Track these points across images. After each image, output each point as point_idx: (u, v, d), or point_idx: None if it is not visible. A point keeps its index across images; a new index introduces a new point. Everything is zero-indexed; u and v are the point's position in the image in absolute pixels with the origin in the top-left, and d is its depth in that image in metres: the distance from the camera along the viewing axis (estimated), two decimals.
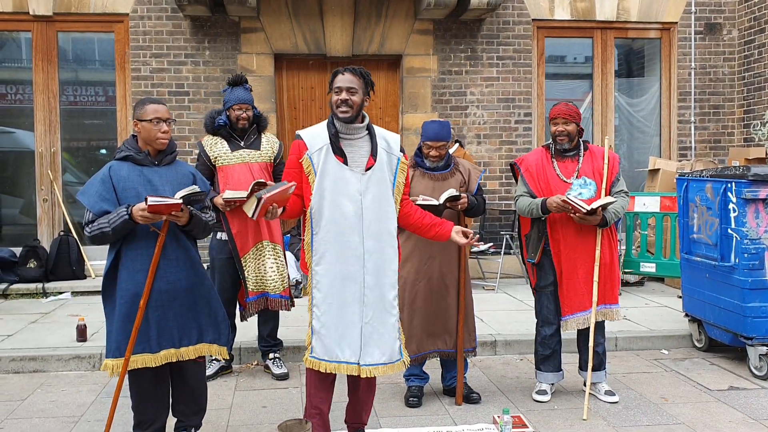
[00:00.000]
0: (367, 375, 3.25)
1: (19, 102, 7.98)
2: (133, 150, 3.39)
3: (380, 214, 3.28)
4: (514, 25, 8.14)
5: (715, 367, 5.06)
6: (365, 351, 3.24)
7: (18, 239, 7.78)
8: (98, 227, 3.21)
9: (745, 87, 8.34)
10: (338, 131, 3.29)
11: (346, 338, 3.24)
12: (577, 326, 4.27)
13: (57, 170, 7.82)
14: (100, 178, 3.32)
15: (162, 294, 3.30)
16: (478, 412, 4.19)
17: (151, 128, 3.35)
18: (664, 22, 8.38)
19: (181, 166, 3.50)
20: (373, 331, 3.25)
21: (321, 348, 3.26)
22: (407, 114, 8.00)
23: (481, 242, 7.70)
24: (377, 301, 3.27)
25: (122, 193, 3.28)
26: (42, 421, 4.11)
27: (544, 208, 4.14)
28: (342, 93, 3.23)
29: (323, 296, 3.25)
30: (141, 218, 3.14)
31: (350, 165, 3.26)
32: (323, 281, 3.25)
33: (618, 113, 8.57)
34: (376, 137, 3.34)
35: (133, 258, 3.28)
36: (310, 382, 3.40)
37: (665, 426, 3.98)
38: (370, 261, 3.25)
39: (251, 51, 7.80)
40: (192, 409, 3.57)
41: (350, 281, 3.24)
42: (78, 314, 6.01)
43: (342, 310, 3.24)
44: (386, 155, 3.35)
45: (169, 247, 3.30)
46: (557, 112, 4.22)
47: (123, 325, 3.28)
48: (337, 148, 3.26)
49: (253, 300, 4.67)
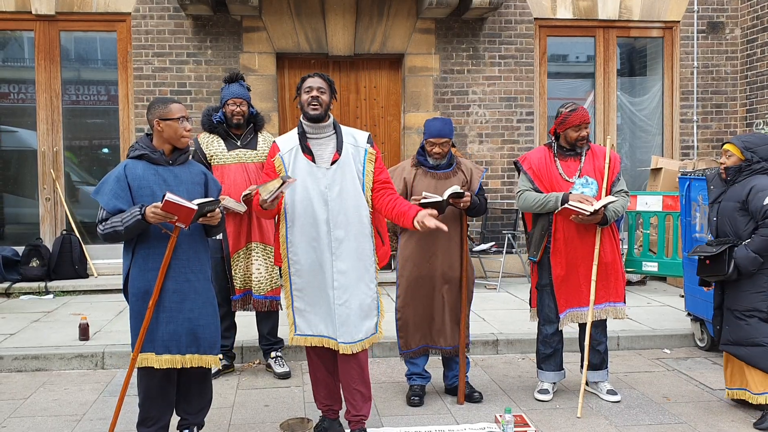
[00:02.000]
0: (345, 351, 3.51)
1: (21, 101, 7.99)
2: (148, 149, 3.38)
3: (348, 205, 3.53)
4: (516, 24, 8.13)
5: (717, 366, 5.05)
6: (342, 330, 3.51)
7: (21, 238, 7.80)
8: (111, 226, 3.21)
9: (747, 86, 8.32)
10: (305, 131, 3.58)
11: (326, 317, 3.56)
12: (575, 320, 4.28)
13: (59, 169, 7.83)
14: (115, 176, 3.31)
15: (172, 294, 3.31)
16: (480, 411, 4.19)
17: (177, 127, 3.35)
18: (666, 21, 8.37)
19: (194, 166, 3.51)
20: (349, 312, 3.52)
21: (305, 324, 3.61)
22: (409, 113, 8.00)
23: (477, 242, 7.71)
24: (352, 284, 3.53)
25: (137, 191, 3.29)
26: (44, 419, 4.12)
27: (565, 202, 4.09)
28: (312, 91, 3.53)
29: (302, 282, 3.58)
30: (153, 217, 3.15)
31: (318, 162, 3.54)
32: (300, 268, 3.56)
33: (620, 112, 8.56)
34: (343, 134, 3.61)
35: (146, 257, 3.30)
36: (313, 375, 3.74)
37: (667, 425, 3.98)
38: (339, 248, 3.51)
39: (253, 50, 7.81)
40: (196, 407, 3.58)
41: (322, 267, 3.52)
42: (80, 313, 6.02)
43: (318, 293, 3.56)
44: (353, 149, 3.59)
45: (181, 248, 3.31)
46: (581, 119, 4.17)
47: (135, 323, 3.32)
48: (305, 147, 3.55)
49: (237, 298, 4.71)
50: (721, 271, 3.95)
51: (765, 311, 3.93)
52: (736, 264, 3.90)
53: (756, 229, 3.89)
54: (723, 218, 4.05)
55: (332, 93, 3.60)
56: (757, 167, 3.95)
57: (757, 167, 3.95)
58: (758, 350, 3.93)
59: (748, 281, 3.94)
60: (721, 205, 4.07)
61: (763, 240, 3.83)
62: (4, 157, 8.10)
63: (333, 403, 3.77)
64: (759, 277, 3.93)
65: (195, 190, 3.40)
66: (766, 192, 3.85)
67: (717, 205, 4.11)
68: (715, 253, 3.95)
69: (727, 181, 4.06)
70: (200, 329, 3.37)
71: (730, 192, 4.03)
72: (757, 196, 3.86)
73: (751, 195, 3.89)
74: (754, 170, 3.96)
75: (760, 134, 4.15)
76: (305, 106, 3.53)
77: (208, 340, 3.40)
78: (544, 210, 4.22)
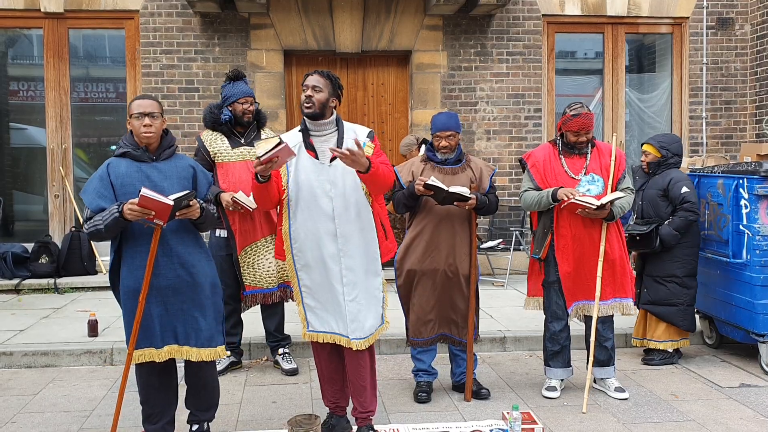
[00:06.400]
0: (358, 347, 3.52)
1: (30, 99, 8.03)
2: (131, 146, 3.39)
3: (351, 200, 3.53)
4: (524, 20, 8.11)
5: (726, 364, 5.03)
6: (353, 327, 3.52)
7: (30, 235, 7.84)
8: (93, 224, 3.23)
9: (757, 82, 8.27)
10: (308, 128, 3.59)
11: (336, 313, 3.55)
12: (583, 313, 4.30)
13: (68, 166, 7.87)
14: (98, 175, 3.34)
15: (162, 290, 3.32)
16: (487, 408, 4.19)
17: (134, 122, 3.36)
18: (675, 17, 8.32)
19: (181, 159, 3.49)
20: (359, 307, 3.53)
21: (316, 320, 3.61)
22: (417, 110, 7.99)
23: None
24: (360, 279, 3.54)
25: (120, 189, 3.29)
26: (54, 415, 4.14)
27: (555, 197, 4.14)
28: (307, 90, 3.52)
29: (310, 278, 3.58)
30: (130, 214, 3.14)
31: (320, 159, 3.55)
32: (306, 264, 3.57)
33: (629, 109, 8.52)
34: (344, 131, 3.61)
35: (133, 255, 3.30)
36: (321, 372, 3.75)
37: (675, 423, 3.97)
38: (347, 244, 3.51)
39: (261, 47, 7.81)
40: (205, 403, 3.59)
41: (330, 264, 3.52)
42: (89, 309, 6.05)
43: (327, 290, 3.55)
44: (353, 144, 3.52)
45: (169, 244, 3.31)
46: (580, 126, 4.18)
47: (128, 320, 3.33)
48: (307, 143, 3.56)
49: (249, 294, 4.70)
50: (650, 245, 4.85)
51: (680, 277, 4.89)
52: (661, 239, 4.82)
53: (674, 212, 4.86)
54: (647, 203, 4.98)
55: (334, 90, 3.56)
56: (672, 161, 4.94)
57: (671, 161, 4.94)
58: (673, 309, 4.88)
59: (667, 253, 4.88)
60: (645, 192, 5.00)
61: (682, 220, 4.81)
62: (13, 154, 8.14)
63: (340, 400, 3.78)
64: (676, 249, 4.88)
65: (183, 185, 3.38)
66: (683, 183, 4.84)
67: (642, 192, 5.01)
68: (646, 232, 4.84)
69: (649, 174, 5.02)
70: (194, 322, 3.37)
71: (651, 182, 4.99)
72: (676, 186, 4.84)
73: (671, 185, 4.86)
74: (669, 164, 4.95)
75: (670, 134, 5.26)
76: (302, 105, 3.56)
77: (203, 334, 3.39)
78: (541, 207, 4.25)
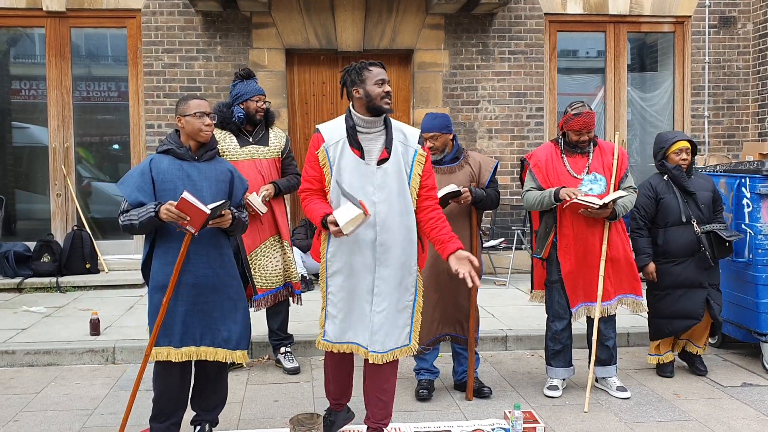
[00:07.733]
0: (374, 361, 3.32)
1: (32, 98, 8.04)
2: (175, 144, 3.42)
3: (395, 208, 3.29)
4: (525, 19, 8.10)
5: (728, 363, 5.03)
6: (374, 339, 3.31)
7: (32, 234, 7.85)
8: (129, 219, 3.27)
9: (759, 81, 8.25)
10: (355, 125, 3.30)
11: (359, 325, 3.34)
12: (588, 314, 4.29)
13: (70, 165, 7.87)
14: (140, 169, 3.36)
15: (189, 288, 3.33)
16: (489, 407, 4.19)
17: (194, 121, 3.38)
18: (677, 16, 8.31)
19: (220, 163, 3.53)
20: (384, 321, 3.31)
21: (333, 331, 3.38)
22: (418, 109, 7.98)
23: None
24: (392, 291, 3.32)
25: (160, 185, 3.32)
26: (56, 413, 4.14)
27: (557, 196, 4.13)
28: (385, 85, 3.24)
29: (338, 285, 3.34)
30: (166, 215, 3.17)
31: (366, 159, 3.28)
32: (338, 271, 3.34)
33: (631, 108, 8.51)
34: (393, 130, 3.34)
35: (166, 250, 3.34)
36: (328, 373, 3.61)
37: (677, 422, 3.96)
38: (385, 254, 3.29)
39: (262, 46, 7.81)
40: (210, 404, 3.59)
41: (363, 272, 3.31)
42: (91, 308, 6.05)
43: (354, 299, 3.34)
44: (402, 147, 3.34)
45: (200, 242, 3.33)
46: (581, 125, 4.18)
47: (153, 316, 3.35)
48: (354, 141, 3.28)
49: (260, 297, 4.65)
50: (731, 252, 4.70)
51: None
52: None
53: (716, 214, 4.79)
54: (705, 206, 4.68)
55: None
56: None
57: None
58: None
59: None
60: (698, 195, 4.73)
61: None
62: (15, 153, 8.15)
63: (342, 398, 3.76)
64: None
65: (220, 188, 3.42)
66: None
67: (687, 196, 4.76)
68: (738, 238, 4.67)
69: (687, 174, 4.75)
70: (215, 323, 3.39)
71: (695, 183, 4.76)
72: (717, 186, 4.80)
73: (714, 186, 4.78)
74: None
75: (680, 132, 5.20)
76: (376, 100, 3.22)
77: (222, 334, 3.41)
78: (543, 207, 4.24)
